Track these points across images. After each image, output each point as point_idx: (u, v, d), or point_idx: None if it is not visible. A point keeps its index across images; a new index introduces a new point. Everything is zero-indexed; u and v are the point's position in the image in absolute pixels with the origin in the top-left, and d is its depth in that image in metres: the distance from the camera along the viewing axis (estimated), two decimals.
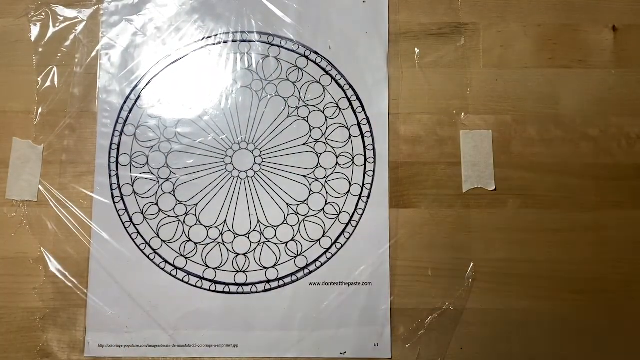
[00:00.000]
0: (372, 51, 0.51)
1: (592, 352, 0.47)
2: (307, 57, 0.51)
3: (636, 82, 0.51)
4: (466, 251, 0.48)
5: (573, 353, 0.47)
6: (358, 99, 0.51)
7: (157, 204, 0.49)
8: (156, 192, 0.49)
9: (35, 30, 0.51)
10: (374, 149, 0.50)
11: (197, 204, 0.49)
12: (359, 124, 0.50)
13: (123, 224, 0.49)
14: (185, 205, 0.49)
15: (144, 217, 0.49)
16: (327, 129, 0.50)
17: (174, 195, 0.49)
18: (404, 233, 0.49)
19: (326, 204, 0.49)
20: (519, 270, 0.48)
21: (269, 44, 0.51)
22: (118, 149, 0.50)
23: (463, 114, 0.50)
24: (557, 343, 0.47)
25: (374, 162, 0.50)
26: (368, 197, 0.49)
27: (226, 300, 0.48)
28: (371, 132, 0.50)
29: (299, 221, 0.49)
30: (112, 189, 0.49)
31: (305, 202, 0.49)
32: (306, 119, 0.50)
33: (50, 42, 0.51)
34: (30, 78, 0.51)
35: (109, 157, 0.50)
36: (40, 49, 0.51)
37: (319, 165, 0.50)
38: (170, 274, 0.48)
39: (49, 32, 0.51)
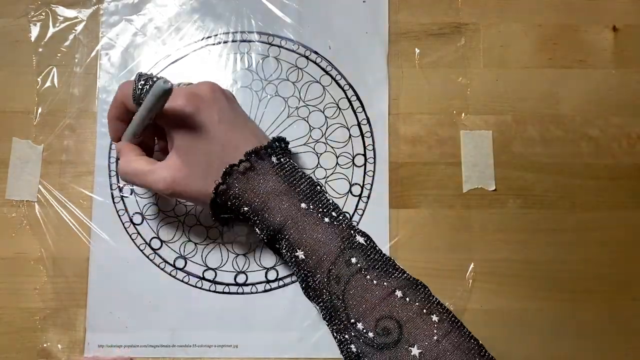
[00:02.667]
0: (372, 51, 0.51)
1: (593, 353, 0.47)
2: (307, 57, 0.51)
3: (636, 82, 0.51)
4: (466, 251, 0.48)
5: (573, 353, 0.47)
6: (358, 99, 0.51)
7: (157, 204, 0.49)
8: (156, 192, 0.49)
9: (35, 30, 0.51)
10: (374, 149, 0.50)
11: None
12: (359, 124, 0.50)
13: (123, 224, 0.49)
14: (185, 205, 0.49)
15: (144, 217, 0.49)
16: (327, 129, 0.50)
17: None
18: (404, 233, 0.49)
19: None
20: (519, 270, 0.48)
21: (269, 44, 0.51)
22: None
23: (463, 114, 0.50)
24: (557, 343, 0.47)
25: (374, 162, 0.50)
26: (368, 197, 0.49)
27: (226, 301, 0.48)
28: (371, 132, 0.50)
29: None
30: (111, 189, 0.49)
31: None
32: (306, 119, 0.50)
33: (50, 42, 0.51)
34: (30, 78, 0.51)
35: (109, 157, 0.50)
36: (40, 49, 0.51)
37: (319, 166, 0.50)
38: (170, 274, 0.48)
39: (48, 32, 0.51)
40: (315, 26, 0.52)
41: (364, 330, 0.38)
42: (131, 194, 0.49)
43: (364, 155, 0.50)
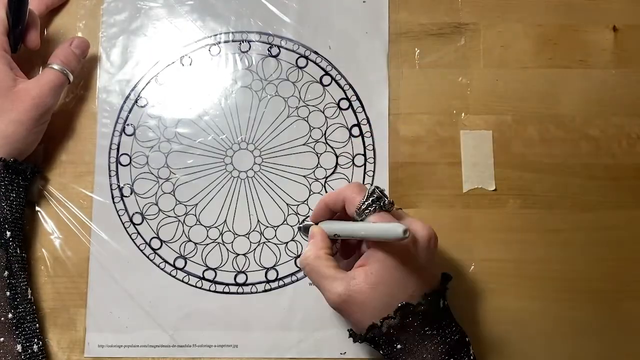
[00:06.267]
0: (372, 51, 0.51)
1: (593, 353, 0.47)
2: (307, 57, 0.51)
3: (636, 82, 0.51)
4: (466, 251, 0.48)
5: (573, 353, 0.47)
6: (358, 99, 0.51)
7: (157, 204, 0.49)
8: (156, 192, 0.49)
9: None
10: (374, 149, 0.50)
11: (197, 204, 0.49)
12: (359, 124, 0.50)
13: (123, 224, 0.49)
14: (185, 205, 0.49)
15: (144, 217, 0.49)
16: (327, 129, 0.50)
17: (174, 196, 0.49)
18: None
19: None
20: (519, 270, 0.48)
21: (269, 44, 0.51)
22: (118, 149, 0.50)
23: (463, 114, 0.50)
24: (557, 343, 0.47)
25: (374, 162, 0.50)
26: None
27: (226, 301, 0.48)
28: (371, 132, 0.50)
29: (299, 221, 0.49)
30: (112, 189, 0.49)
31: (305, 202, 0.49)
32: (306, 119, 0.50)
33: (50, 42, 0.51)
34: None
35: (109, 157, 0.50)
36: (40, 49, 0.51)
37: (319, 166, 0.50)
38: (170, 274, 0.48)
39: (48, 32, 0.51)
40: (315, 26, 0.52)
41: None
42: (131, 194, 0.49)
43: (364, 155, 0.50)
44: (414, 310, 0.39)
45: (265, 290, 0.48)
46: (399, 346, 0.39)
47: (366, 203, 0.40)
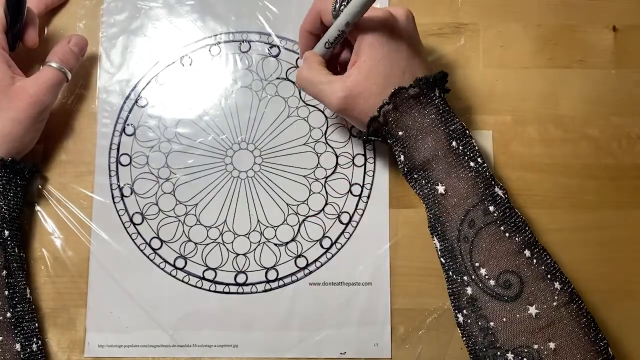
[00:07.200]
0: None
1: None
2: None
3: (636, 82, 0.51)
4: None
5: None
6: None
7: (157, 204, 0.49)
8: (156, 192, 0.49)
9: None
10: (374, 149, 0.50)
11: (197, 204, 0.49)
12: None
13: (123, 224, 0.49)
14: (185, 205, 0.49)
15: (144, 217, 0.49)
16: (327, 128, 0.50)
17: (174, 196, 0.49)
18: (404, 233, 0.49)
19: (326, 204, 0.49)
20: None
21: (269, 44, 0.51)
22: (118, 149, 0.50)
23: (463, 114, 0.50)
24: None
25: (374, 162, 0.50)
26: (368, 197, 0.49)
27: (226, 301, 0.48)
28: None
29: (299, 221, 0.49)
30: (112, 189, 0.49)
31: (305, 202, 0.49)
32: (306, 119, 0.50)
33: (50, 42, 0.51)
34: None
35: (109, 157, 0.50)
36: (40, 48, 0.51)
37: (319, 165, 0.50)
38: (170, 274, 0.48)
39: (48, 32, 0.51)
40: None
41: (486, 277, 0.39)
42: (131, 194, 0.49)
43: (364, 155, 0.50)
44: (407, 93, 0.41)
45: (265, 290, 0.48)
46: (400, 133, 0.41)
47: (338, 2, 0.41)
